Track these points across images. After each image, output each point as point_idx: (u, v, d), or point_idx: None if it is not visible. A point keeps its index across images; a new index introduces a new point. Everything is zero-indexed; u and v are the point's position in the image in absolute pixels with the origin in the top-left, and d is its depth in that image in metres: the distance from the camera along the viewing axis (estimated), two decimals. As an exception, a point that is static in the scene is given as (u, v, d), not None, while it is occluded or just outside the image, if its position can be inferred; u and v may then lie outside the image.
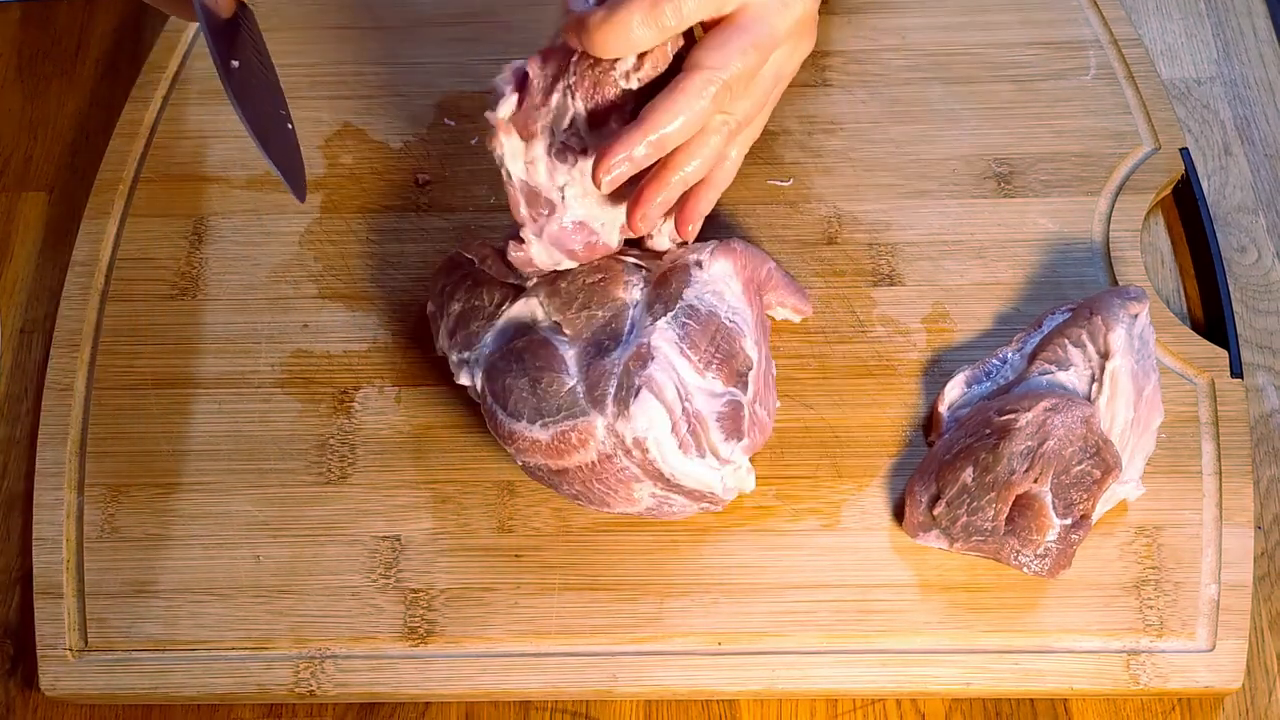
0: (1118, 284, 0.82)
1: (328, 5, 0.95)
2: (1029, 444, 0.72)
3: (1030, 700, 0.74)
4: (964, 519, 0.72)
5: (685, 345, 0.73)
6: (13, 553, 0.79)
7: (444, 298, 0.78)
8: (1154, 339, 0.78)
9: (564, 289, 0.75)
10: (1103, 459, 0.72)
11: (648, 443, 0.71)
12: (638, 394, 0.71)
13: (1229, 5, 0.95)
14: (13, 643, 0.77)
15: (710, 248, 0.76)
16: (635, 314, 0.75)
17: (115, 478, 0.79)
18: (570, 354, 0.73)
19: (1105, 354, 0.75)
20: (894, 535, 0.76)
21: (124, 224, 0.87)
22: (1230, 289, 0.83)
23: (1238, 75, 0.92)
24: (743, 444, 0.73)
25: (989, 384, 0.78)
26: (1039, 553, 0.72)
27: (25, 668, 0.77)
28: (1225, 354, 0.80)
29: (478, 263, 0.77)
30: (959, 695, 0.73)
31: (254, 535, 0.77)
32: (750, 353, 0.74)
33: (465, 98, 0.91)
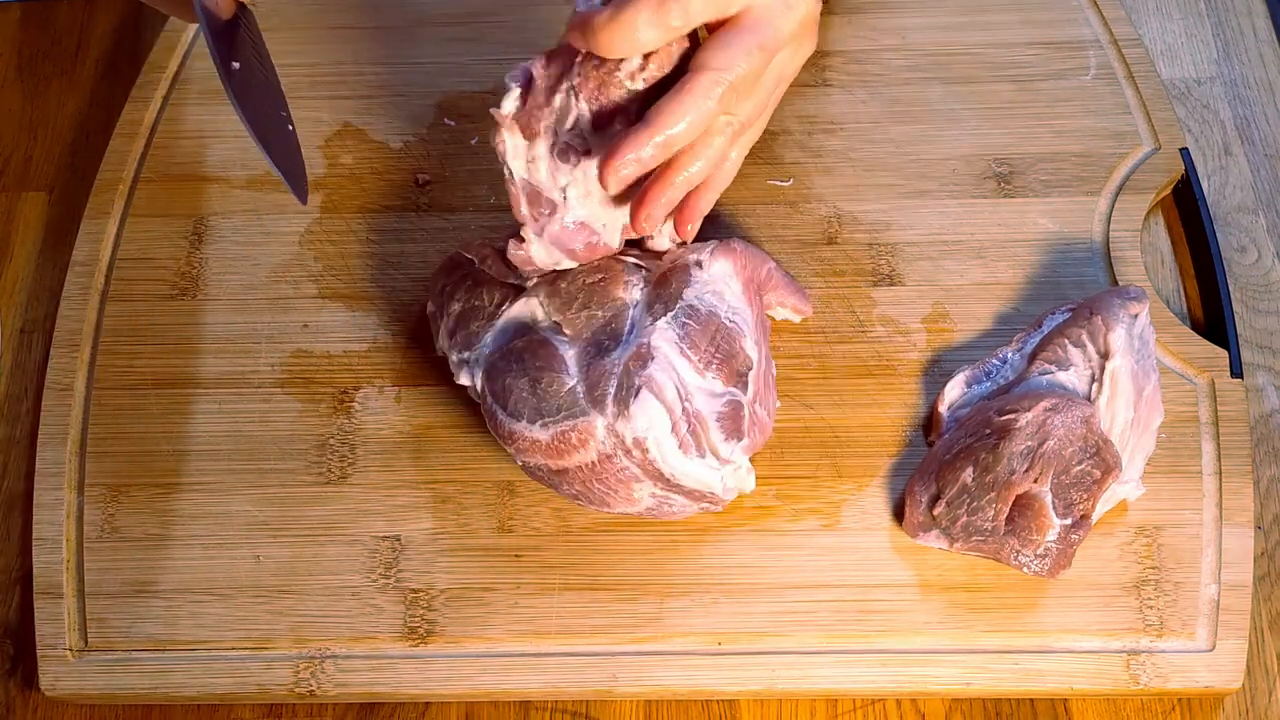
0: (1118, 284, 0.82)
1: (328, 5, 0.95)
2: (1029, 444, 0.72)
3: (1030, 700, 0.74)
4: (964, 519, 0.72)
5: (685, 345, 0.73)
6: (13, 553, 0.79)
7: (444, 298, 0.78)
8: (1154, 339, 0.78)
9: (564, 289, 0.75)
10: (1103, 459, 0.72)
11: (648, 443, 0.71)
12: (638, 394, 0.71)
13: (1229, 5, 0.94)
14: (13, 643, 0.77)
15: (710, 248, 0.76)
16: (635, 314, 0.75)
17: (115, 478, 0.79)
18: (570, 354, 0.73)
19: (1105, 354, 0.75)
20: (894, 535, 0.76)
21: (124, 224, 0.87)
22: (1230, 289, 0.83)
23: (1238, 75, 0.92)
24: (743, 444, 0.73)
25: (989, 384, 0.78)
26: (1039, 553, 0.72)
27: (25, 668, 0.77)
28: (1225, 354, 0.80)
29: (478, 263, 0.77)
30: (959, 695, 0.73)
31: (254, 535, 0.77)
32: (750, 353, 0.74)
33: (465, 98, 0.91)
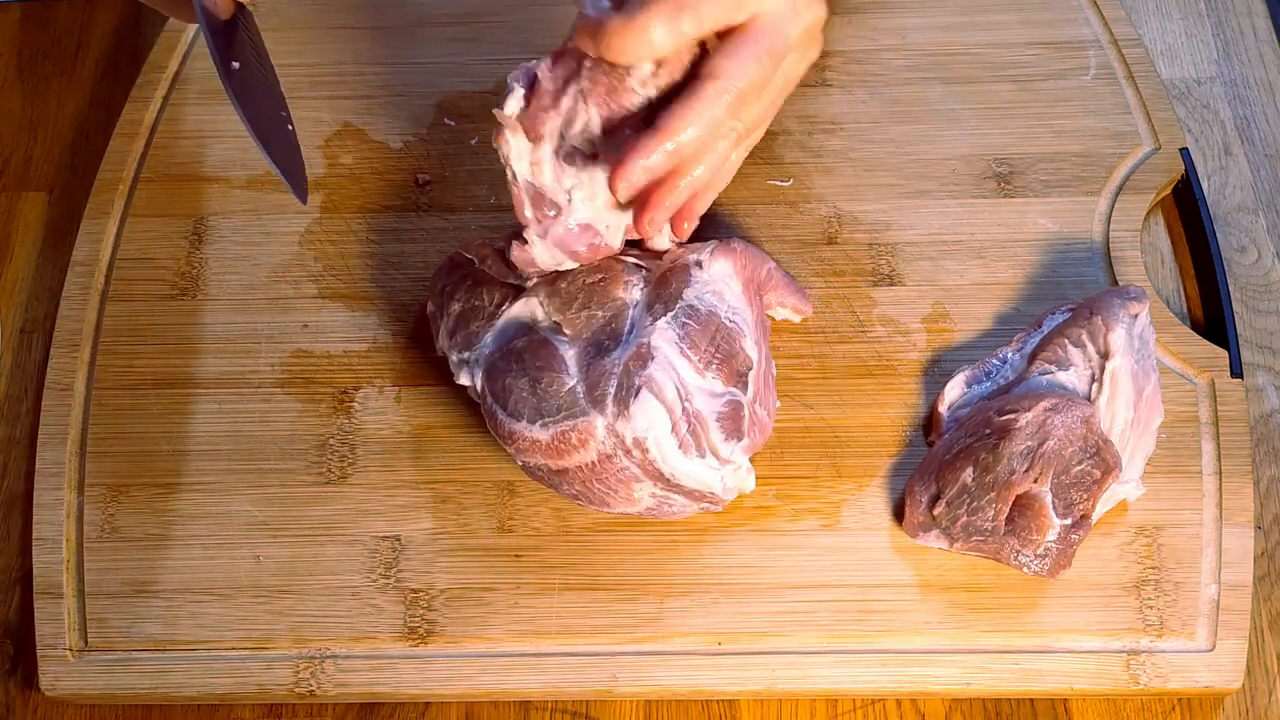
0: (1118, 284, 0.82)
1: (328, 5, 0.95)
2: (1029, 444, 0.72)
3: (1030, 700, 0.74)
4: (964, 519, 0.72)
5: (685, 345, 0.73)
6: (13, 553, 0.79)
7: (444, 298, 0.78)
8: (1154, 339, 0.78)
9: (564, 289, 0.75)
10: (1103, 459, 0.72)
11: (648, 443, 0.71)
12: (638, 394, 0.71)
13: (1229, 5, 0.94)
14: (13, 643, 0.77)
15: (710, 248, 0.76)
16: (635, 314, 0.75)
17: (115, 478, 0.79)
18: (570, 354, 0.73)
19: (1105, 354, 0.75)
20: (894, 535, 0.76)
21: (124, 224, 0.87)
22: (1230, 289, 0.83)
23: (1238, 75, 0.92)
24: (743, 444, 0.73)
25: (989, 384, 0.78)
26: (1039, 553, 0.72)
27: (25, 668, 0.77)
28: (1225, 354, 0.80)
29: (478, 263, 0.77)
30: (959, 695, 0.73)
31: (254, 535, 0.77)
32: (750, 353, 0.74)
33: (465, 98, 0.91)
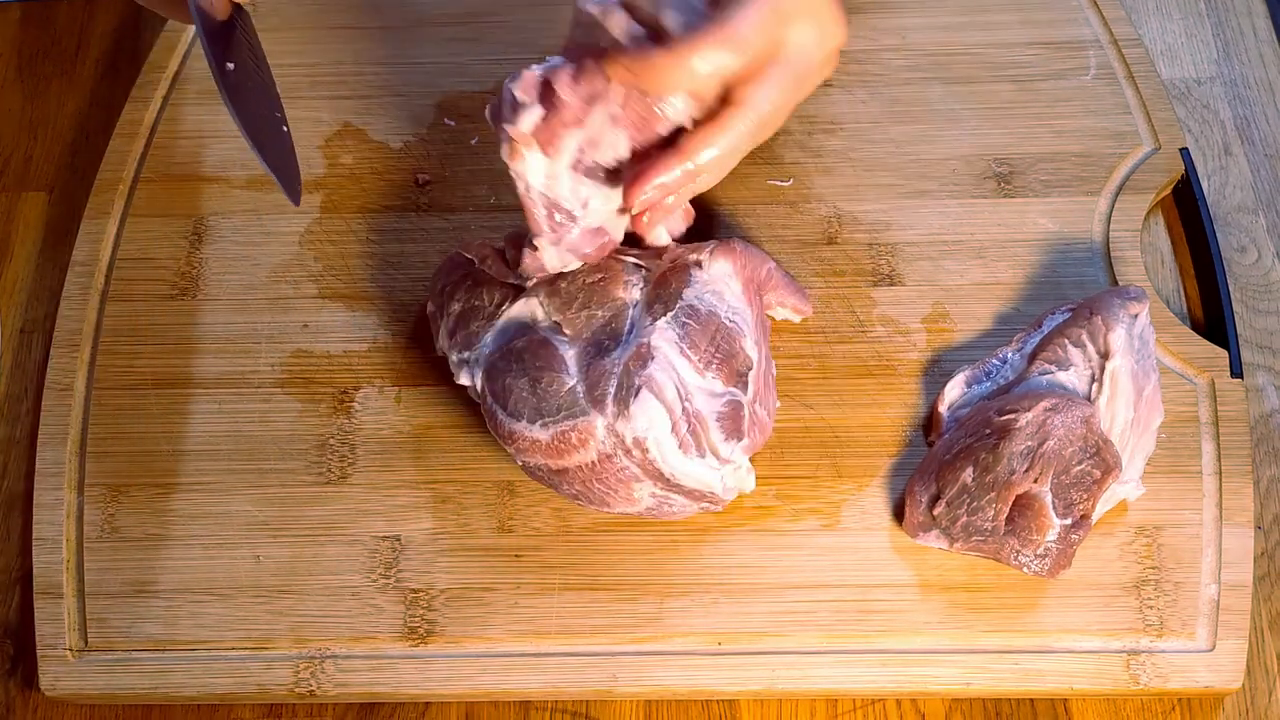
0: (1118, 284, 0.82)
1: (328, 5, 0.95)
2: (1029, 444, 0.72)
3: (1030, 700, 0.74)
4: (964, 519, 0.72)
5: (685, 345, 0.73)
6: (13, 553, 0.79)
7: (444, 298, 0.78)
8: (1154, 339, 0.78)
9: (564, 289, 0.75)
10: (1103, 459, 0.72)
11: (648, 443, 0.71)
12: (638, 394, 0.71)
13: (1229, 5, 0.94)
14: (13, 643, 0.77)
15: (710, 248, 0.76)
16: (635, 314, 0.75)
17: (115, 478, 0.79)
18: (570, 354, 0.73)
19: (1105, 354, 0.75)
20: (894, 535, 0.76)
21: (124, 224, 0.87)
22: (1230, 289, 0.83)
23: (1238, 75, 0.92)
24: (743, 444, 0.73)
25: (989, 384, 0.78)
26: (1039, 553, 0.72)
27: (25, 668, 0.77)
28: (1225, 354, 0.80)
29: (478, 263, 0.77)
30: (959, 695, 0.73)
31: (254, 535, 0.77)
32: (750, 353, 0.74)
33: (465, 98, 0.91)
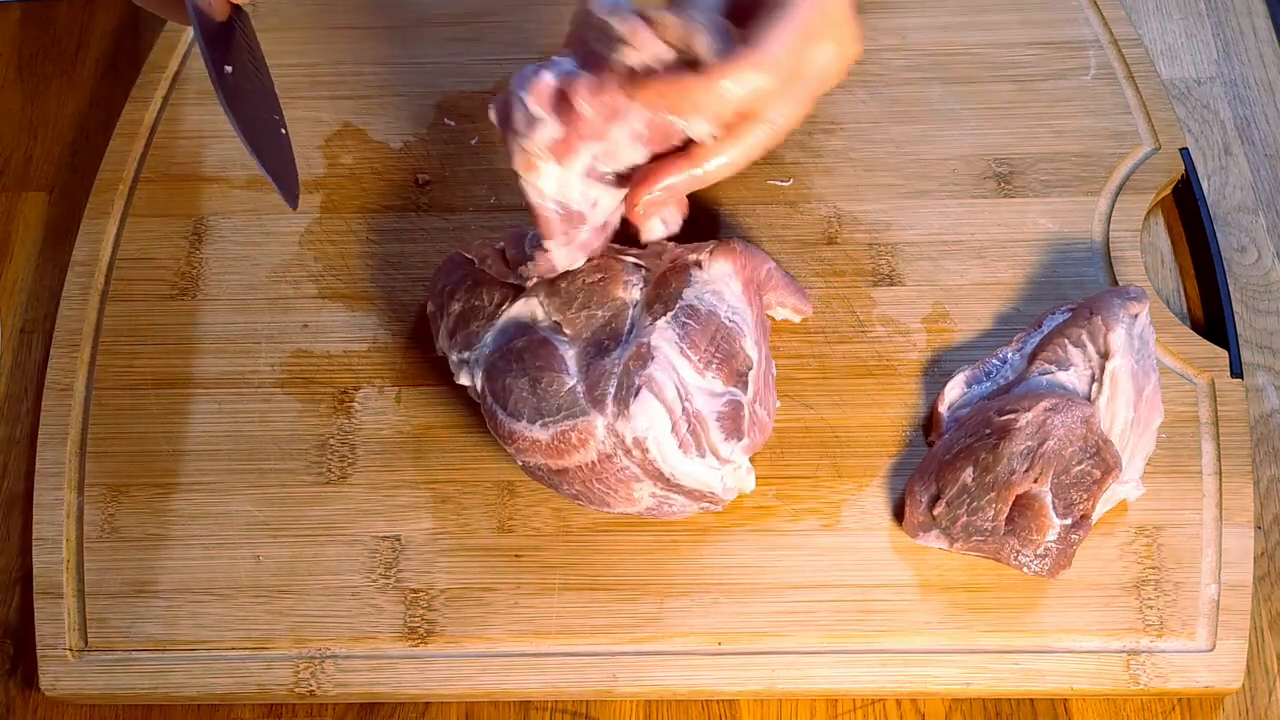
0: (1118, 284, 0.82)
1: (328, 5, 0.94)
2: (1029, 444, 0.72)
3: (1030, 700, 0.74)
4: (964, 519, 0.72)
5: (685, 345, 0.73)
6: (13, 553, 0.79)
7: (444, 298, 0.78)
8: (1154, 339, 0.78)
9: (564, 289, 0.75)
10: (1103, 459, 0.72)
11: (648, 442, 0.71)
12: (638, 394, 0.71)
13: (1229, 5, 0.94)
14: (13, 643, 0.77)
15: (710, 248, 0.76)
16: (635, 314, 0.75)
17: (115, 478, 0.79)
18: (570, 354, 0.73)
19: (1105, 354, 0.75)
20: (894, 535, 0.76)
21: (124, 224, 0.87)
22: (1230, 289, 0.83)
23: (1238, 75, 0.92)
24: (743, 444, 0.73)
25: (989, 384, 0.78)
26: (1039, 553, 0.72)
27: (25, 668, 0.77)
28: (1225, 354, 0.80)
29: (478, 263, 0.77)
30: (959, 695, 0.73)
31: (254, 535, 0.77)
32: (750, 353, 0.74)
33: (465, 98, 0.91)
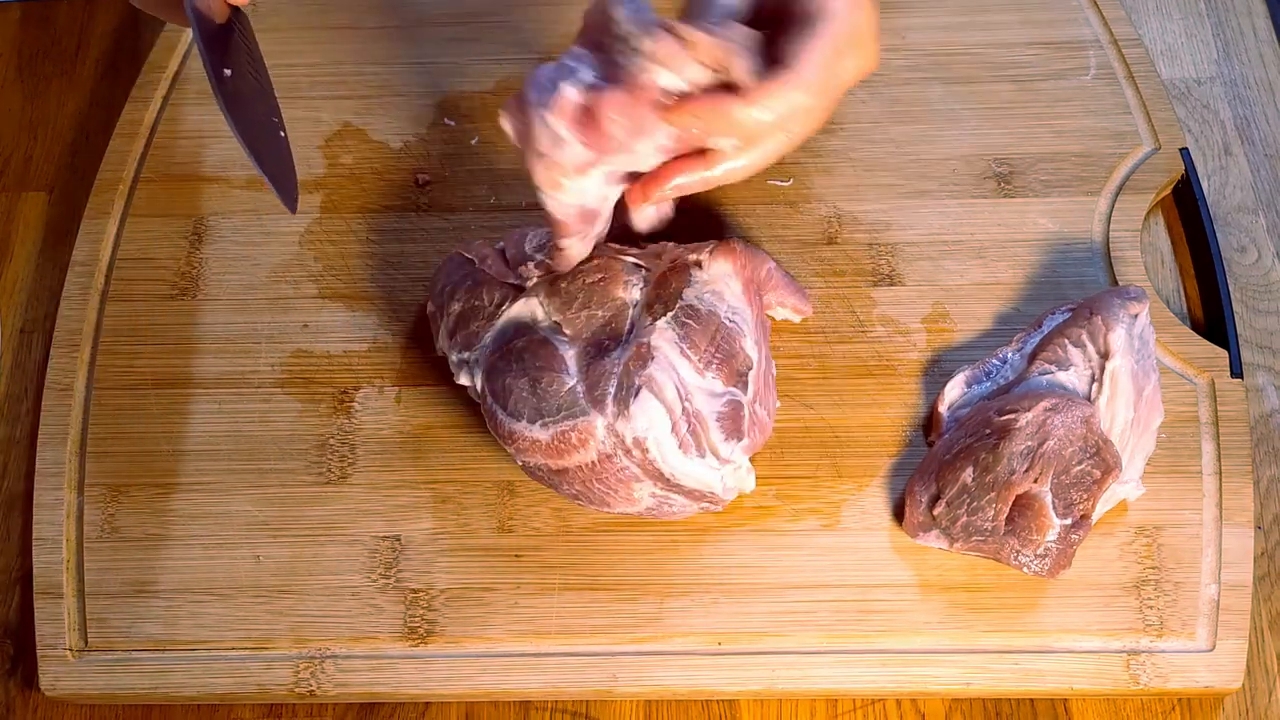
0: (1118, 284, 0.82)
1: (328, 5, 0.95)
2: (1029, 444, 0.72)
3: (1030, 700, 0.74)
4: (964, 519, 0.72)
5: (685, 345, 0.73)
6: (13, 553, 0.79)
7: (444, 298, 0.78)
8: (1154, 339, 0.78)
9: (564, 289, 0.75)
10: (1103, 459, 0.72)
11: (648, 443, 0.71)
12: (638, 394, 0.71)
13: (1229, 5, 0.94)
14: (13, 643, 0.77)
15: (710, 248, 0.76)
16: (635, 314, 0.75)
17: (115, 478, 0.79)
18: (570, 354, 0.73)
19: (1105, 354, 0.75)
20: (894, 535, 0.76)
21: (124, 224, 0.87)
22: (1230, 289, 0.83)
23: (1238, 75, 0.92)
24: (743, 444, 0.73)
25: (989, 384, 0.78)
26: (1039, 553, 0.72)
27: (25, 668, 0.77)
28: (1225, 354, 0.80)
29: (478, 263, 0.77)
30: (959, 695, 0.73)
31: (254, 535, 0.77)
32: (750, 353, 0.74)
33: (465, 98, 0.91)
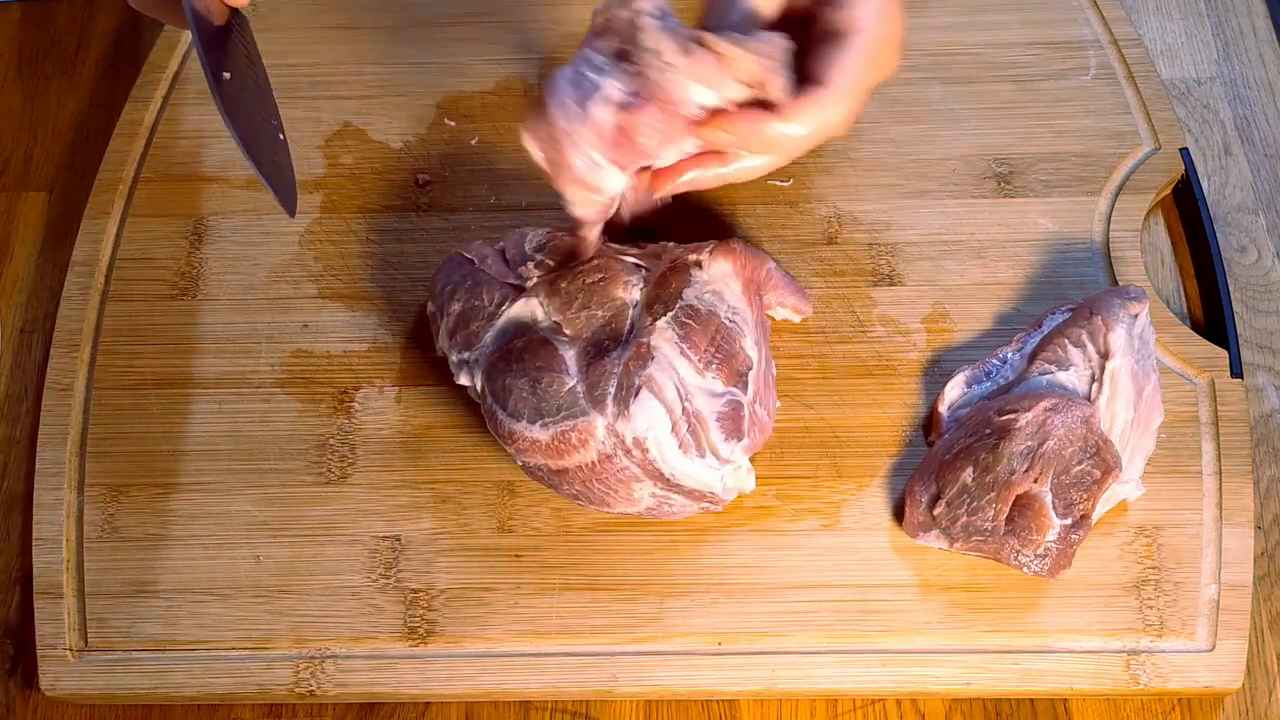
0: (1118, 284, 0.82)
1: (328, 5, 0.94)
2: (1029, 444, 0.72)
3: (1030, 700, 0.74)
4: (964, 519, 0.72)
5: (685, 345, 0.73)
6: (13, 553, 0.79)
7: (444, 298, 0.78)
8: (1154, 339, 0.78)
9: (564, 289, 0.75)
10: (1103, 459, 0.72)
11: (648, 443, 0.71)
12: (638, 394, 0.71)
13: (1229, 5, 0.94)
14: (13, 643, 0.77)
15: (710, 248, 0.76)
16: (635, 314, 0.75)
17: (115, 478, 0.79)
18: (570, 354, 0.73)
19: (1105, 354, 0.75)
20: (894, 535, 0.76)
21: (124, 224, 0.87)
22: (1230, 289, 0.83)
23: (1238, 75, 0.92)
24: (743, 444, 0.73)
25: (989, 384, 0.78)
26: (1039, 553, 0.72)
27: (25, 668, 0.77)
28: (1225, 354, 0.80)
29: (477, 263, 0.77)
30: (959, 695, 0.73)
31: (254, 535, 0.77)
32: (750, 353, 0.74)
33: (465, 98, 0.91)
